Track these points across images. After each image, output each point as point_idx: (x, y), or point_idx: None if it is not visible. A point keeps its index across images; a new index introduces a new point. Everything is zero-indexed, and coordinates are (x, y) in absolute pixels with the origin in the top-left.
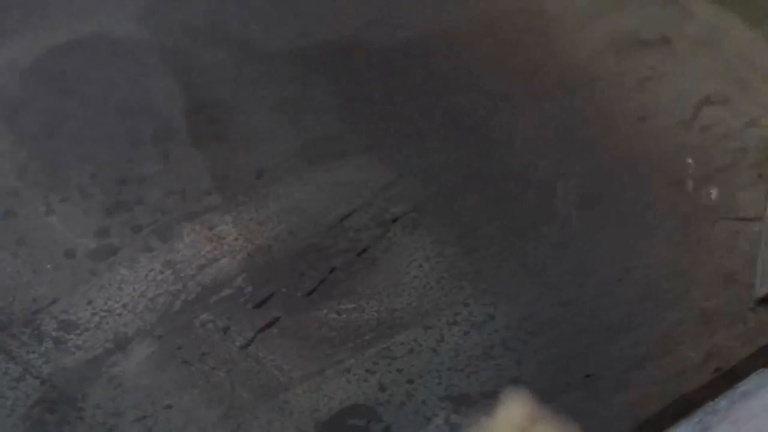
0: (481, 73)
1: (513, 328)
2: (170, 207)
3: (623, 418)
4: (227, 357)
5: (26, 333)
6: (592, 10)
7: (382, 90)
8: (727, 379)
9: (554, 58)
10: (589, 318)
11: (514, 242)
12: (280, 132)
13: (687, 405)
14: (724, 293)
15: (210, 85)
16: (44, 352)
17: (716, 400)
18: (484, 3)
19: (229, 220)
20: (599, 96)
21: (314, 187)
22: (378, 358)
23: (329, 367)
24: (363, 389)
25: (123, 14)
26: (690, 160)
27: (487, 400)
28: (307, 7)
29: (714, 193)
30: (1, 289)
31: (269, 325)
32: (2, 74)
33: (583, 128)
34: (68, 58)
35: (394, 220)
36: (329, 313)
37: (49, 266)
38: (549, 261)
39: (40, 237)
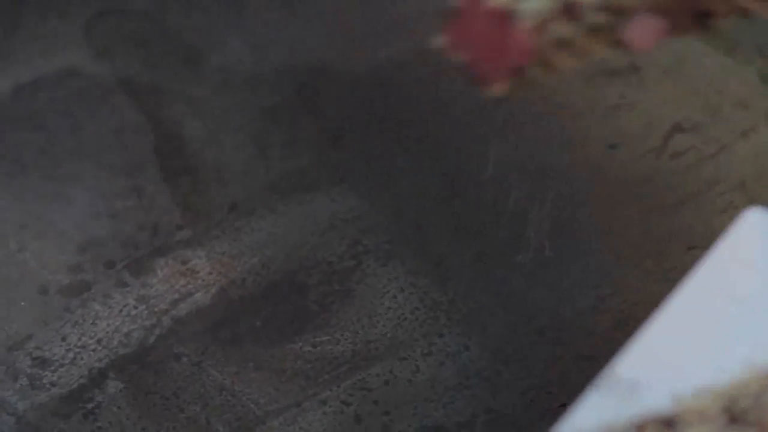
0: (452, 102)
1: (488, 358)
2: (143, 242)
3: None
4: (202, 391)
5: (0, 370)
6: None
7: (353, 120)
8: None
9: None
10: (563, 347)
11: (487, 272)
12: (252, 165)
13: None
14: None
15: (180, 119)
16: (19, 389)
17: None
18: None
19: (203, 254)
20: (570, 124)
21: (287, 219)
22: (354, 389)
23: (305, 400)
24: (339, 421)
25: (89, 50)
26: None
27: (462, 430)
28: (279, 37)
29: None
30: None
31: (244, 358)
32: None
33: (554, 156)
34: (36, 96)
35: (367, 252)
36: (304, 345)
37: (22, 303)
38: (522, 290)
39: (13, 274)
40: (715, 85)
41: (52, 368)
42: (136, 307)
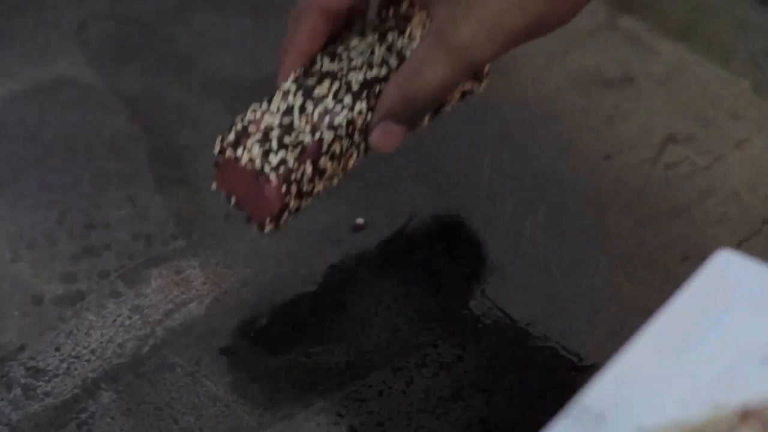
0: (444, 112)
1: (482, 368)
2: (137, 252)
3: None
4: (196, 401)
5: None
6: (554, 48)
7: None
8: None
9: (517, 94)
10: (557, 356)
11: (480, 281)
12: None
13: None
14: None
15: (173, 128)
16: (13, 399)
17: None
18: None
19: (196, 264)
20: (564, 133)
21: (280, 230)
22: (348, 400)
23: (299, 411)
24: None
25: (83, 60)
26: None
27: None
28: (274, 45)
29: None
30: None
31: (238, 369)
32: None
33: (549, 165)
34: (30, 105)
35: (361, 262)
36: (298, 356)
37: (16, 313)
38: (516, 300)
39: (7, 284)
40: (710, 96)
41: (46, 378)
42: (130, 317)
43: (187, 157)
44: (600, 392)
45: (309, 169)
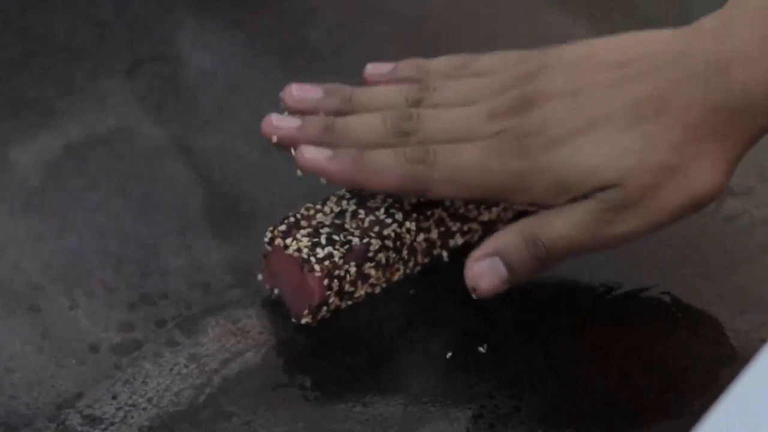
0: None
1: (538, 419)
2: (194, 300)
3: None
4: None
5: (51, 428)
6: None
7: None
8: None
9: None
10: (613, 408)
11: (536, 333)
12: None
13: None
14: None
15: (231, 176)
16: None
17: None
18: None
19: (253, 313)
20: None
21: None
22: None
23: None
24: None
25: (139, 109)
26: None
27: None
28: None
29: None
30: (26, 383)
31: (294, 418)
32: (24, 170)
33: None
34: (88, 154)
35: (418, 313)
36: (355, 405)
37: (73, 361)
38: (571, 352)
39: (64, 331)
40: None
41: (102, 426)
42: (186, 366)
43: (245, 206)
44: None
45: (353, 270)
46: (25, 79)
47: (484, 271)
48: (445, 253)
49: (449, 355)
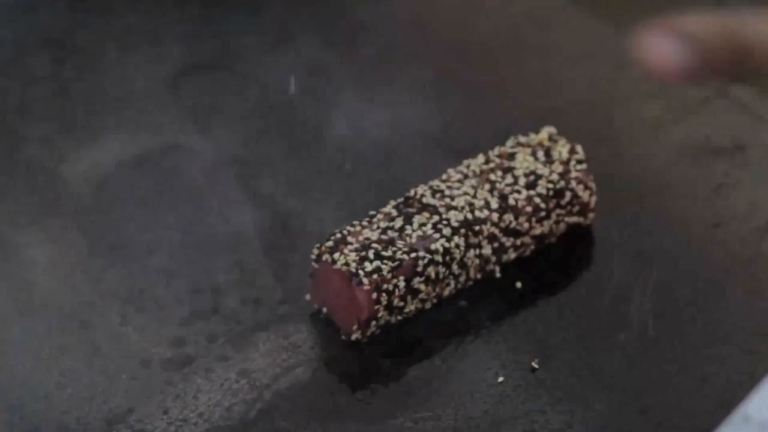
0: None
1: None
2: (244, 316)
3: None
4: None
5: None
6: (660, 119)
7: None
8: None
9: (626, 167)
10: (667, 427)
11: (589, 350)
12: None
13: None
14: None
15: (281, 193)
16: None
17: None
18: (551, 118)
19: (304, 328)
20: (672, 203)
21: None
22: None
23: None
24: None
25: (190, 127)
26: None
27: None
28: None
29: None
30: (77, 399)
31: None
32: (77, 186)
33: (657, 236)
34: (140, 171)
35: (469, 328)
36: (405, 421)
37: (124, 376)
38: (625, 369)
39: (115, 347)
40: None
41: None
42: (237, 381)
43: (295, 222)
44: (763, 402)
45: (402, 284)
46: (77, 97)
47: (664, 44)
48: (497, 269)
49: (501, 371)
